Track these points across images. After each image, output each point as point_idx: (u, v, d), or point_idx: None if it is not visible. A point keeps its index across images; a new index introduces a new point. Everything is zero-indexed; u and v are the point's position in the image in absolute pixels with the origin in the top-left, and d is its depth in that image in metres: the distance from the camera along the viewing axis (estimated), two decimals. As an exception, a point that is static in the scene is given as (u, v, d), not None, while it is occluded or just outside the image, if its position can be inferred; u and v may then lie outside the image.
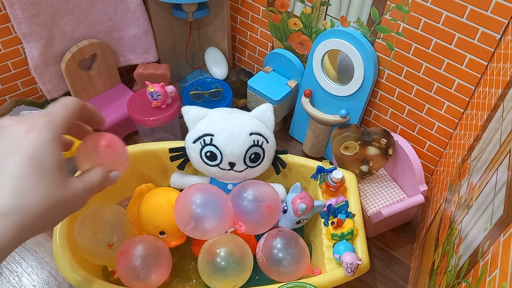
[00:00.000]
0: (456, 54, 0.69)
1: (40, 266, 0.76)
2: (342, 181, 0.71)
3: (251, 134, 0.68)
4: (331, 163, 0.76)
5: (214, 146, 0.68)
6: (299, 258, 0.64)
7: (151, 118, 0.84)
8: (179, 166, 0.73)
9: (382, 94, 0.84)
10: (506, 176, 0.43)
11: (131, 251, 0.61)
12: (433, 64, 0.73)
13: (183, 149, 0.72)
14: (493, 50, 0.65)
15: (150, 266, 0.61)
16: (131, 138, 0.99)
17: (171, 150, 0.72)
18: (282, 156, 0.74)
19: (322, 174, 0.73)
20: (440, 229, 0.66)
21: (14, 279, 0.74)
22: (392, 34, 0.75)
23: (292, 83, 0.94)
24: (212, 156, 0.69)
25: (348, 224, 0.65)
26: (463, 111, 0.74)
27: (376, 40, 0.78)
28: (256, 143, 0.69)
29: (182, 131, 0.90)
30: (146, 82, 0.85)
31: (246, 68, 1.09)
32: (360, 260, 0.60)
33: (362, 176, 0.82)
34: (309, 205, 0.67)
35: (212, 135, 0.68)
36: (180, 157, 0.72)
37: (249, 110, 0.73)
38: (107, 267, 0.67)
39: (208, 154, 0.69)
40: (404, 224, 0.86)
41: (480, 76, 0.68)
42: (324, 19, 0.84)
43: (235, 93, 1.02)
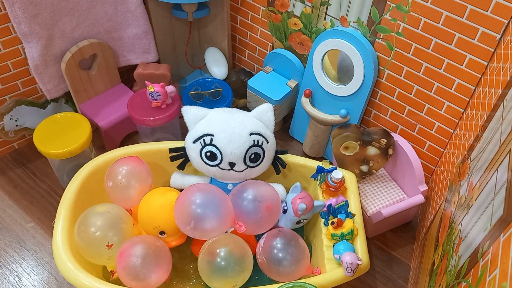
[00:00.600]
0: (456, 54, 0.69)
1: (40, 266, 0.76)
2: (342, 181, 0.71)
3: (251, 134, 0.68)
4: (331, 163, 0.76)
5: (214, 146, 0.68)
6: (299, 258, 0.64)
7: (151, 118, 0.84)
8: (179, 166, 0.73)
9: (382, 94, 0.84)
10: (506, 176, 0.43)
11: (131, 251, 0.61)
12: (433, 64, 0.73)
13: (183, 149, 0.72)
14: (493, 50, 0.65)
15: (150, 266, 0.61)
16: (131, 138, 0.99)
17: (171, 150, 0.72)
18: (282, 156, 0.74)
19: (322, 174, 0.73)
20: (440, 229, 0.66)
21: (14, 279, 0.74)
22: (392, 34, 0.75)
23: (292, 83, 0.94)
24: (212, 156, 0.69)
25: (348, 224, 0.65)
26: (463, 111, 0.74)
27: (376, 40, 0.78)
28: (256, 143, 0.69)
29: (182, 131, 0.90)
30: (146, 82, 0.85)
31: (246, 68, 1.09)
32: (360, 260, 0.60)
33: (362, 176, 0.82)
34: (309, 205, 0.67)
35: (212, 135, 0.68)
36: (180, 157, 0.72)
37: (249, 110, 0.73)
38: (107, 267, 0.67)
39: (208, 154, 0.69)
40: (404, 224, 0.86)
41: (480, 76, 0.68)
42: (324, 19, 0.84)
43: (235, 93, 1.02)
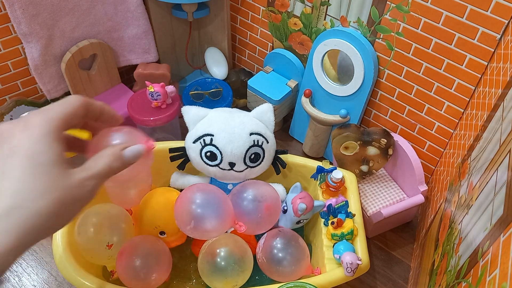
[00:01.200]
0: (456, 54, 0.69)
1: (40, 266, 0.76)
2: (342, 181, 0.71)
3: (251, 134, 0.68)
4: (331, 163, 0.76)
5: (214, 146, 0.68)
6: (299, 258, 0.64)
7: (151, 118, 0.84)
8: (179, 166, 0.73)
9: (382, 94, 0.84)
10: (506, 176, 0.43)
11: (131, 251, 0.61)
12: (433, 64, 0.73)
13: (183, 149, 0.72)
14: (493, 50, 0.65)
15: (150, 266, 0.61)
16: (131, 138, 0.98)
17: (171, 150, 0.72)
18: (282, 156, 0.74)
19: (322, 174, 0.73)
20: (440, 229, 0.66)
21: (14, 279, 0.74)
22: (392, 34, 0.75)
23: (292, 83, 0.94)
24: (212, 156, 0.69)
25: (348, 224, 0.65)
26: (463, 111, 0.74)
27: (376, 40, 0.78)
28: (256, 143, 0.69)
29: (182, 131, 0.90)
30: (146, 82, 0.85)
31: (246, 68, 1.09)
32: (360, 260, 0.60)
33: (362, 176, 0.82)
34: (309, 205, 0.67)
35: (212, 135, 0.68)
36: (180, 157, 0.72)
37: (249, 110, 0.73)
38: (107, 267, 0.67)
39: (208, 154, 0.69)
40: (404, 224, 0.86)
41: (480, 76, 0.68)
42: (324, 19, 0.84)
43: (235, 93, 1.02)
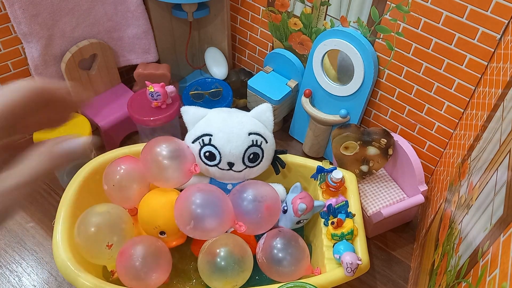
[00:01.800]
0: (456, 54, 0.69)
1: (40, 266, 0.76)
2: (342, 181, 0.71)
3: (249, 134, 0.68)
4: (331, 163, 0.76)
5: (213, 146, 0.68)
6: (299, 258, 0.64)
7: (151, 118, 0.84)
8: (179, 166, 0.73)
9: (382, 94, 0.84)
10: (506, 176, 0.43)
11: (131, 251, 0.61)
12: (433, 64, 0.73)
13: (183, 149, 0.72)
14: (493, 50, 0.65)
15: (150, 266, 0.61)
16: (131, 138, 0.98)
17: (171, 150, 0.72)
18: (281, 156, 0.74)
19: (322, 174, 0.73)
20: (440, 229, 0.66)
21: (14, 279, 0.74)
22: (392, 34, 0.75)
23: (292, 83, 0.94)
24: (211, 156, 0.68)
25: (348, 224, 0.65)
26: (463, 111, 0.74)
27: (376, 40, 0.78)
28: (255, 143, 0.69)
29: (182, 131, 0.90)
30: (146, 82, 0.85)
31: (246, 68, 1.09)
32: (360, 260, 0.60)
33: (362, 176, 0.82)
34: (309, 205, 0.67)
35: (211, 135, 0.68)
36: (180, 157, 0.72)
37: (249, 110, 0.73)
38: (107, 267, 0.67)
39: (207, 154, 0.68)
40: (404, 224, 0.86)
41: (480, 76, 0.68)
42: (324, 19, 0.84)
43: (235, 93, 1.02)
